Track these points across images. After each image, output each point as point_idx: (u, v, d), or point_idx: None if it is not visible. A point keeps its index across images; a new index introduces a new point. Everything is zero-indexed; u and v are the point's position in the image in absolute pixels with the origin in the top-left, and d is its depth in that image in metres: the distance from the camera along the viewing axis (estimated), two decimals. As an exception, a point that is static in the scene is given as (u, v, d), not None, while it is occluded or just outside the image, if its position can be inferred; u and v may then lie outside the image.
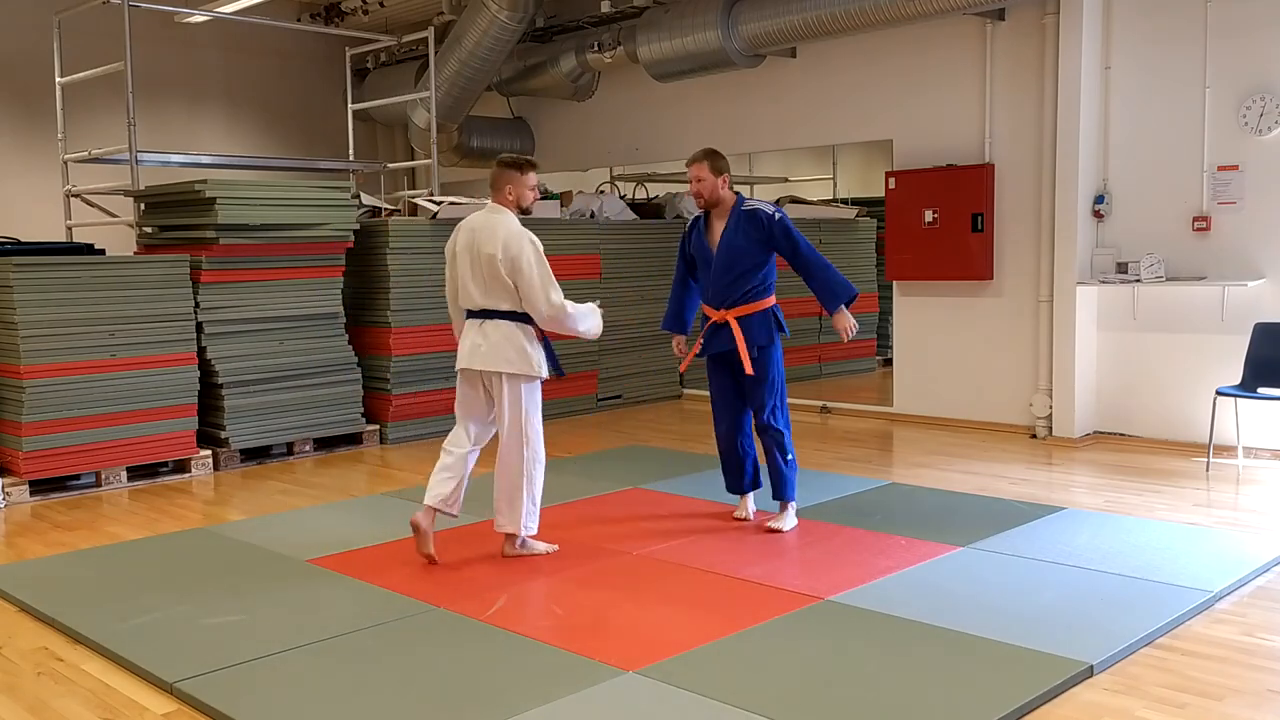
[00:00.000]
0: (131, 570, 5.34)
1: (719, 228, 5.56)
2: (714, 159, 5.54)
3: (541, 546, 5.34)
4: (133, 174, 8.38)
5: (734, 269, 5.47)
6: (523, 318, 5.15)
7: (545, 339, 5.31)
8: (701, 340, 5.66)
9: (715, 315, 5.56)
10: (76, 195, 9.14)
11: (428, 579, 5.02)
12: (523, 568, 5.19)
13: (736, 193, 5.64)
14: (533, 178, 5.20)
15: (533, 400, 5.21)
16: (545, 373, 5.20)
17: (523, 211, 5.21)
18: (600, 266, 9.93)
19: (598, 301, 5.46)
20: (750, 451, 5.79)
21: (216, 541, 5.82)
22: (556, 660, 4.03)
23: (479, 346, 5.15)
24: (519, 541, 5.31)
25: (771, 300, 5.58)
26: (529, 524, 5.26)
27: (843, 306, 5.46)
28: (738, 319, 5.52)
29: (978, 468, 7.32)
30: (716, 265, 5.47)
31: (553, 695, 3.71)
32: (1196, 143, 7.70)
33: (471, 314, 5.18)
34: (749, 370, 5.53)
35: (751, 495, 5.88)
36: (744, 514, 5.84)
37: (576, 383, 9.71)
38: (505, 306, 5.10)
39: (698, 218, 5.70)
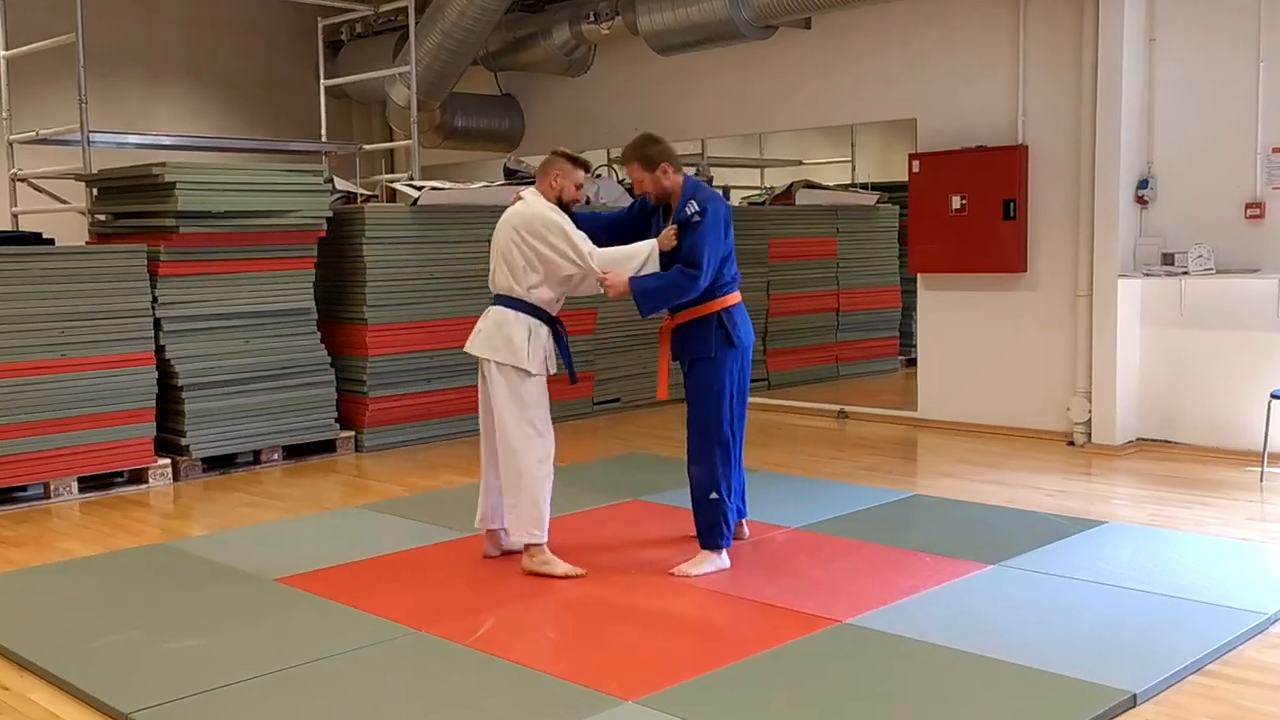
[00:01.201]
0: (83, 590, 5.33)
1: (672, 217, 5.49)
2: (643, 153, 5.39)
3: (562, 568, 5.33)
4: (84, 156, 8.37)
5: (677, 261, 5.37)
6: (526, 306, 5.26)
7: (559, 335, 5.36)
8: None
9: (665, 323, 5.53)
10: (23, 179, 9.14)
11: (408, 600, 5.01)
12: (513, 587, 5.19)
13: (691, 177, 5.48)
14: (582, 176, 5.48)
15: (525, 395, 5.28)
16: (536, 368, 5.27)
17: (562, 205, 5.41)
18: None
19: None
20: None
21: (176, 559, 5.81)
22: (549, 689, 4.02)
23: (479, 331, 5.39)
24: (536, 554, 5.34)
25: (721, 304, 5.34)
26: (532, 530, 5.29)
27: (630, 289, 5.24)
28: (675, 328, 5.43)
29: (1009, 478, 7.32)
30: (667, 259, 5.34)
31: (545, 727, 3.71)
32: (1250, 122, 7.70)
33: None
34: (661, 394, 5.52)
35: (743, 523, 5.84)
36: (739, 536, 5.81)
37: (570, 385, 9.71)
38: (506, 287, 5.31)
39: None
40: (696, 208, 5.26)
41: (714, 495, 5.35)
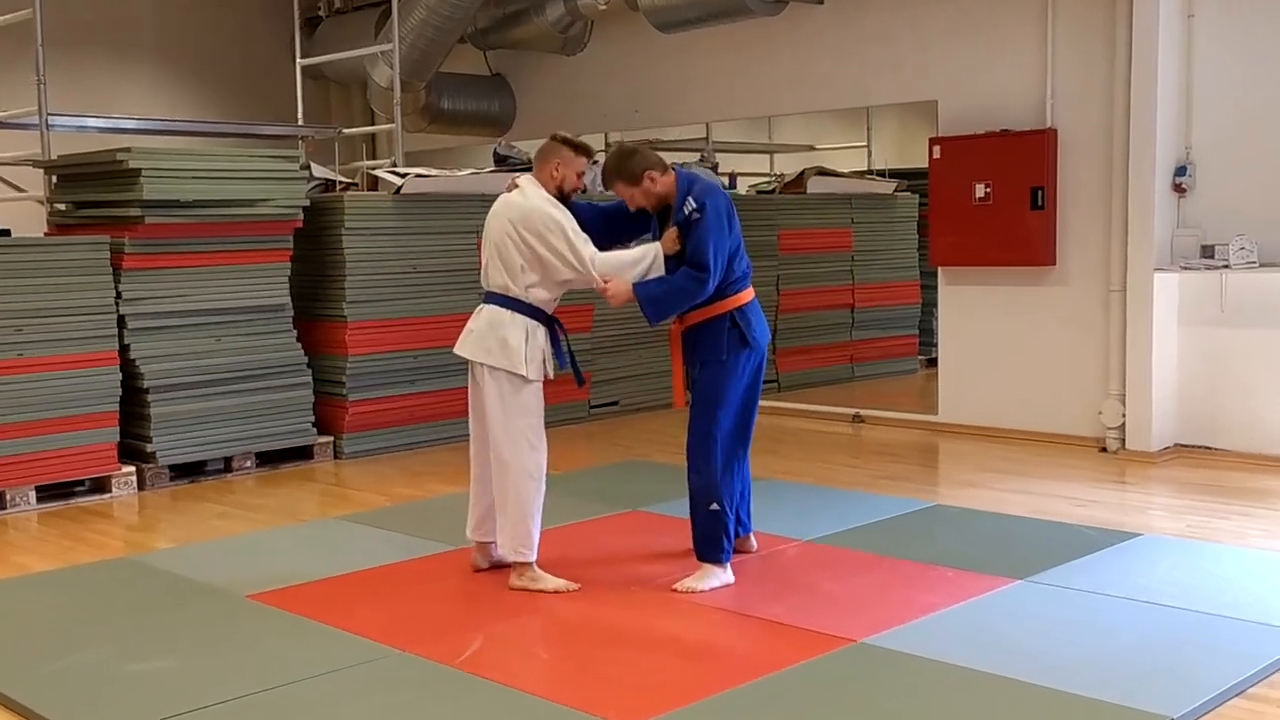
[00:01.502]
0: (42, 608, 5.33)
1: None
2: (624, 170, 5.35)
3: (553, 583, 5.33)
4: (43, 141, 8.36)
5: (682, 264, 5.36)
6: (522, 306, 5.26)
7: (556, 337, 5.37)
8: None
9: (675, 326, 5.52)
10: (-24, 166, 9.14)
11: (390, 618, 5.01)
12: (503, 604, 5.19)
13: (684, 171, 5.45)
14: (583, 163, 5.43)
15: (519, 403, 5.27)
16: (534, 373, 5.26)
17: (561, 196, 5.37)
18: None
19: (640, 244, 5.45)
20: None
21: (141, 574, 5.80)
22: (542, 714, 4.02)
23: (470, 332, 5.38)
24: (524, 571, 5.33)
25: (733, 303, 5.35)
26: (520, 549, 5.28)
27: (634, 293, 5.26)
28: (684, 331, 5.44)
29: (1037, 487, 7.32)
30: (671, 263, 5.34)
31: (537, 755, 3.71)
32: (1295, 104, 7.71)
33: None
34: (677, 403, 5.53)
35: (749, 536, 5.84)
36: (745, 549, 5.81)
37: (565, 387, 9.68)
38: (501, 285, 5.29)
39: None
40: (694, 205, 5.24)
41: (715, 506, 5.35)
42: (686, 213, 5.25)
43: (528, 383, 5.27)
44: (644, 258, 5.30)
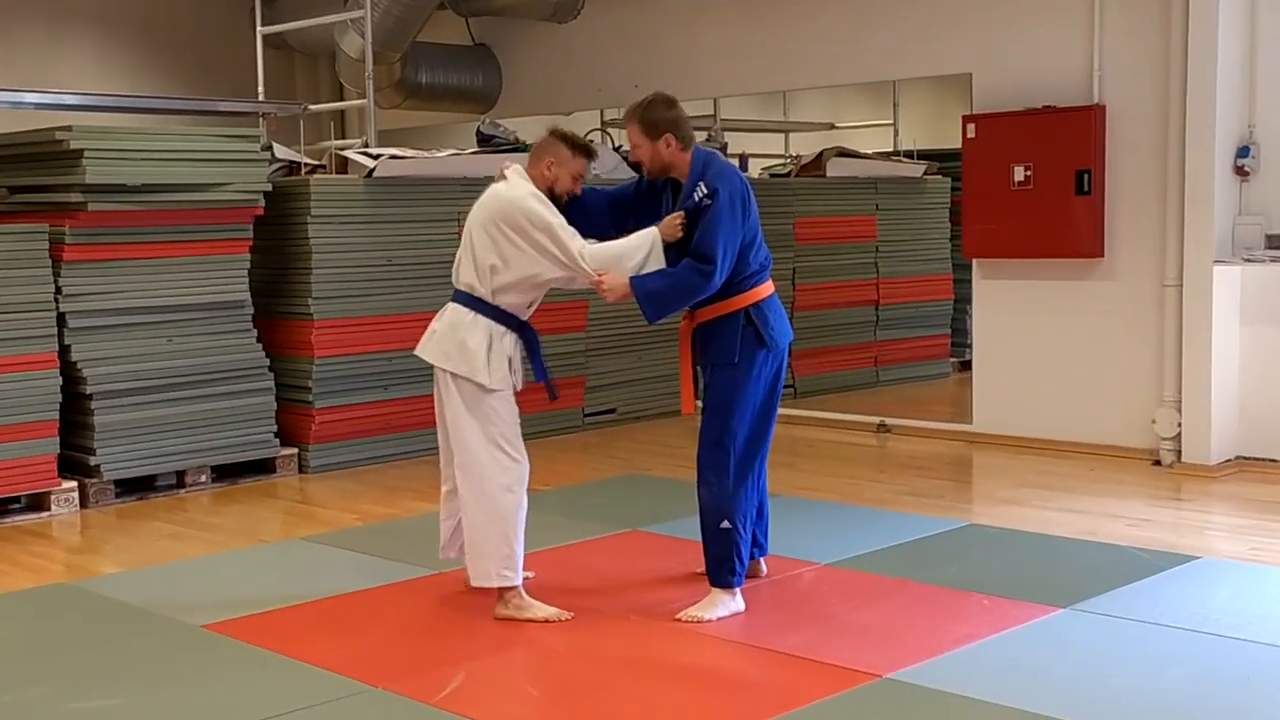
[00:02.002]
0: (-28, 639, 5.34)
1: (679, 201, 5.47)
2: (647, 116, 5.38)
3: (543, 611, 5.33)
4: (-26, 119, 8.38)
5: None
6: (486, 307, 5.26)
7: (529, 340, 5.38)
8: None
9: (684, 323, 5.53)
10: (-100, 146, 9.14)
11: (362, 650, 5.01)
12: (488, 634, 5.19)
13: (701, 149, 5.47)
14: (583, 165, 5.44)
15: (486, 412, 5.29)
16: (497, 382, 5.27)
17: (552, 197, 5.37)
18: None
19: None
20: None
21: (85, 601, 5.81)
22: (530, 757, 4.03)
23: (433, 333, 5.43)
24: (511, 598, 5.34)
25: (750, 298, 5.36)
26: (502, 572, 5.28)
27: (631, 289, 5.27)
28: (695, 329, 5.45)
29: (1083, 504, 7.32)
30: (672, 253, 5.35)
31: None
32: (1371, 78, 7.72)
33: None
34: (686, 409, 5.54)
35: (761, 560, 5.85)
36: (755, 574, 5.81)
37: (550, 400, 9.70)
38: (467, 283, 5.31)
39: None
40: (705, 190, 5.24)
41: (726, 524, 5.35)
42: (697, 199, 5.25)
43: (491, 391, 5.27)
44: (641, 247, 5.29)
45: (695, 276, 5.21)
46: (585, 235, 5.33)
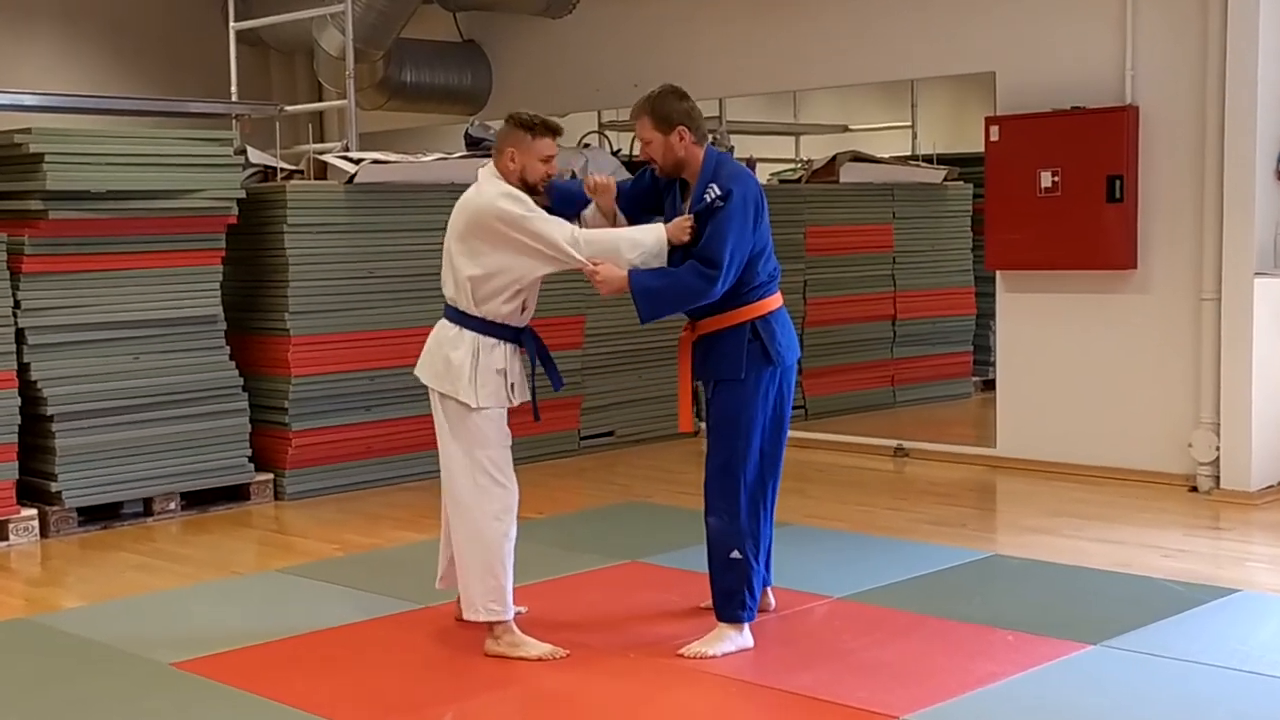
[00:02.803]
0: (-75, 678, 5.34)
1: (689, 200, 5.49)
2: (659, 108, 5.39)
3: (537, 648, 5.34)
4: (-72, 121, 8.40)
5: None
6: (471, 320, 5.29)
7: (531, 351, 5.39)
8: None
9: (685, 333, 5.54)
10: None
11: (344, 689, 5.02)
12: (478, 673, 5.20)
13: (714, 149, 5.51)
14: (547, 145, 5.40)
15: (475, 433, 5.30)
16: (485, 399, 5.28)
17: (529, 189, 5.37)
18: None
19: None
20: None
21: (45, 637, 5.81)
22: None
23: (425, 350, 5.46)
24: (502, 634, 5.35)
25: (757, 310, 5.38)
26: (490, 605, 5.29)
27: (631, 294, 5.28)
28: (697, 340, 5.45)
29: (1115, 533, 7.33)
30: (676, 256, 5.37)
31: None
32: None
33: None
34: (684, 426, 5.52)
35: (768, 590, 5.85)
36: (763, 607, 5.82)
37: (552, 414, 9.72)
38: (450, 296, 5.36)
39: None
40: (718, 191, 5.26)
41: (736, 554, 5.36)
42: (708, 200, 5.27)
43: (476, 410, 5.29)
44: (643, 241, 5.31)
45: (698, 280, 5.22)
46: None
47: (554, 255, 5.22)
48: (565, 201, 5.57)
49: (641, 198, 5.68)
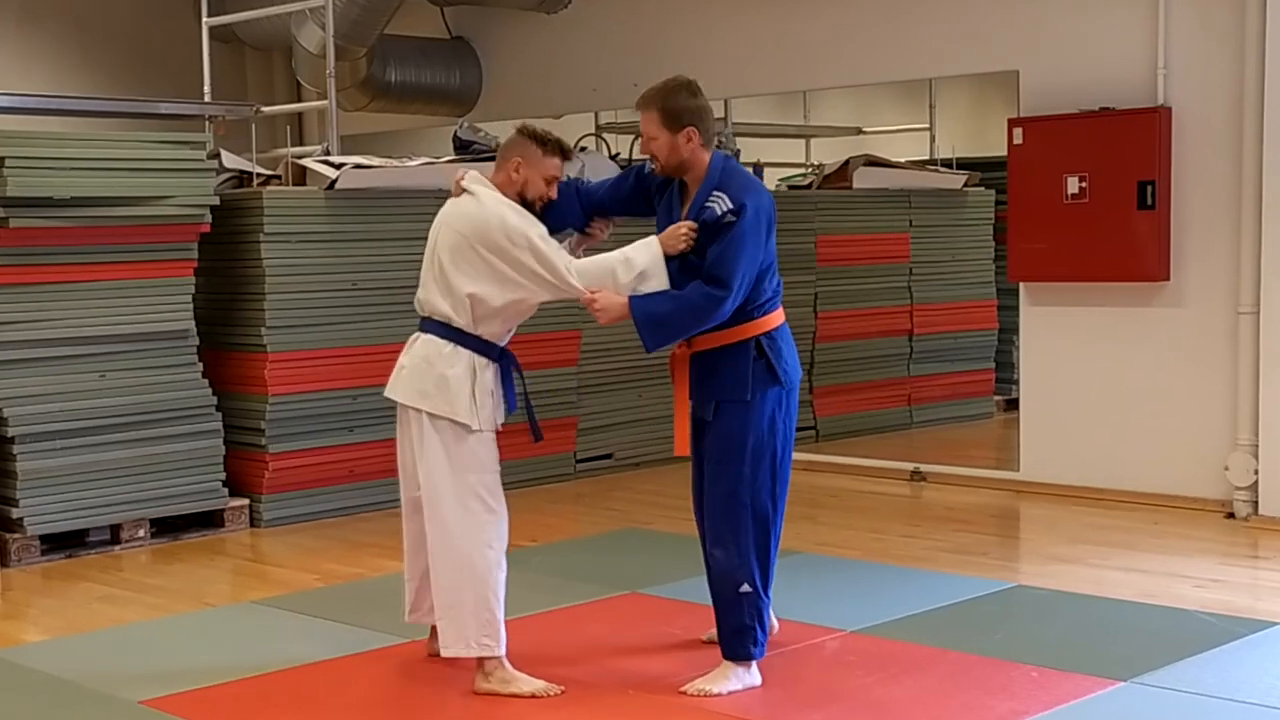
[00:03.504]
0: (-123, 716, 5.35)
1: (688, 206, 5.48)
2: (670, 104, 5.39)
3: (531, 685, 5.34)
4: (-119, 123, 8.42)
5: (692, 273, 5.33)
6: (467, 338, 5.29)
7: (509, 374, 5.41)
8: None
9: (679, 349, 5.49)
10: None
11: (322, 729, 5.04)
12: (467, 712, 5.21)
13: (720, 154, 5.50)
14: (556, 165, 5.45)
15: (469, 457, 5.31)
16: (484, 422, 5.30)
17: (524, 204, 5.39)
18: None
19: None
20: None
21: (4, 673, 5.80)
22: None
23: (402, 368, 5.45)
24: (493, 670, 5.35)
25: (761, 327, 5.36)
26: (483, 640, 5.30)
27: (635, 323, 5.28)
28: (695, 356, 5.42)
29: (1145, 562, 7.34)
30: (672, 266, 5.36)
31: None
32: None
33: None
34: (679, 449, 5.49)
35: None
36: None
37: (547, 435, 9.69)
38: (442, 313, 5.32)
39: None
40: (730, 205, 5.22)
41: (746, 588, 5.35)
42: (719, 212, 5.23)
43: (474, 432, 5.30)
44: (638, 259, 5.30)
45: (706, 301, 5.19)
46: (553, 233, 5.37)
47: (553, 282, 5.23)
48: (559, 222, 5.58)
49: (625, 202, 5.67)
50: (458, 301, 5.27)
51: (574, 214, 5.64)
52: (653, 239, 5.35)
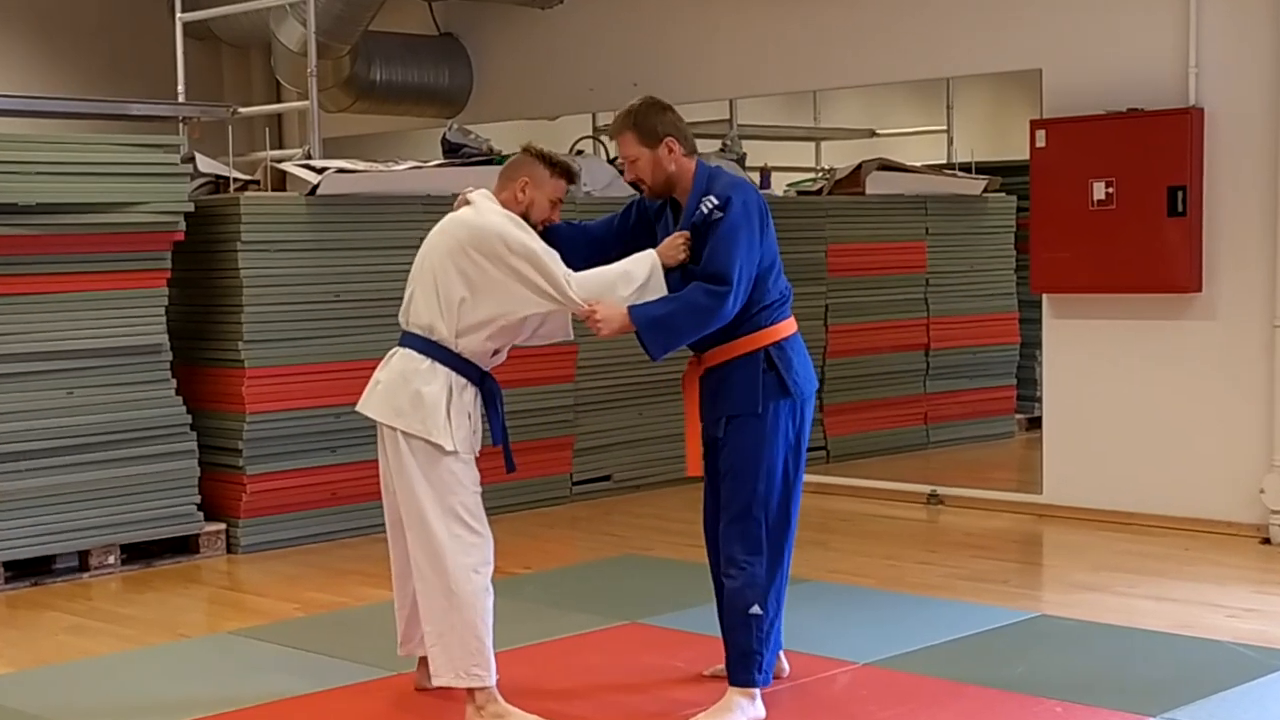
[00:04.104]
0: None
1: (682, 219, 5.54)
2: (643, 122, 5.44)
3: (523, 718, 5.37)
4: None
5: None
6: (446, 354, 5.33)
7: (492, 401, 5.43)
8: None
9: (690, 366, 5.57)
10: None
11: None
12: (454, 749, 5.22)
13: (704, 162, 5.55)
14: (561, 187, 5.53)
15: (448, 477, 5.33)
16: (460, 445, 5.32)
17: (526, 223, 5.44)
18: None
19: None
20: None
21: (-34, 708, 5.83)
22: None
23: (377, 383, 5.49)
24: (485, 703, 5.36)
25: (770, 336, 5.41)
26: (472, 669, 5.31)
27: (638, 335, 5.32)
28: (705, 375, 5.48)
29: (1176, 591, 7.35)
30: (673, 278, 5.41)
31: None
32: None
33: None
34: (692, 469, 5.54)
35: (780, 655, 5.87)
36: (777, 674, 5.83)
37: (541, 456, 9.73)
38: (425, 325, 5.37)
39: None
40: (715, 203, 5.30)
41: (756, 609, 5.35)
42: (705, 212, 5.30)
43: (449, 454, 5.32)
44: (637, 271, 5.35)
45: (707, 299, 5.22)
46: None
47: (550, 292, 5.25)
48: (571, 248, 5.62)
49: (629, 235, 5.70)
50: (447, 306, 5.29)
51: (577, 256, 5.65)
52: (651, 252, 5.40)
